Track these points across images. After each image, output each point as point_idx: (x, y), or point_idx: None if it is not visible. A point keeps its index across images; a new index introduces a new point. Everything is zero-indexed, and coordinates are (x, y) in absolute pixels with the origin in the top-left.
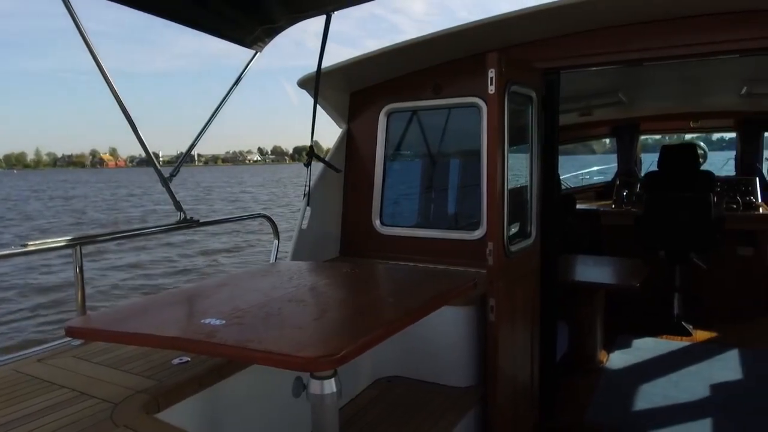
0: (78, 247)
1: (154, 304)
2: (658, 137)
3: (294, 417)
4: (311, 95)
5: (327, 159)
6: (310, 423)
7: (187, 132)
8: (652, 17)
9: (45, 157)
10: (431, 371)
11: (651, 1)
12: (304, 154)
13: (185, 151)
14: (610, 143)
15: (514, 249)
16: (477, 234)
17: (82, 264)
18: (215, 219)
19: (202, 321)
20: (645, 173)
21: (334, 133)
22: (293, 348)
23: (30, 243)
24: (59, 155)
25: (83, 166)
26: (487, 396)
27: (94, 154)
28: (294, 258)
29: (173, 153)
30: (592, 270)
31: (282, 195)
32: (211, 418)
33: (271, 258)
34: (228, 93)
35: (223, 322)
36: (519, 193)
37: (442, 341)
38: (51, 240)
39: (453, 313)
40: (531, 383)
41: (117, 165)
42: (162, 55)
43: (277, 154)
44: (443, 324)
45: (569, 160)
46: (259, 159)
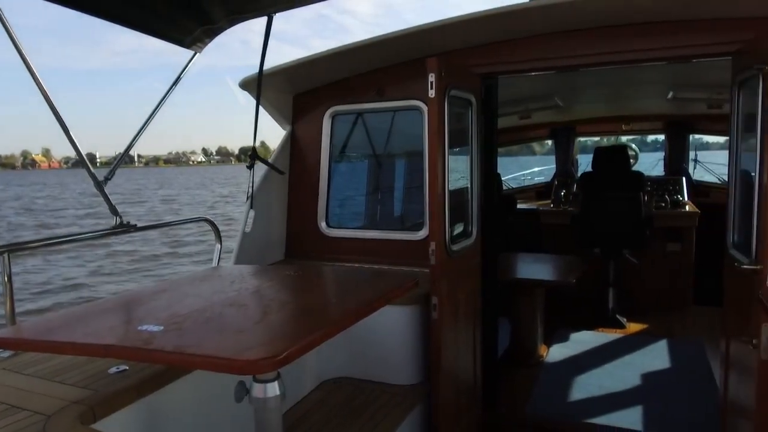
0: (6, 255)
1: (88, 312)
2: (597, 139)
3: (237, 423)
4: (254, 97)
5: (271, 161)
6: (254, 428)
7: (128, 132)
8: (584, 26)
9: None
10: (377, 371)
11: (582, 12)
12: (248, 155)
13: (122, 153)
14: (551, 145)
15: (455, 248)
16: (421, 234)
17: (10, 272)
18: (154, 223)
19: (138, 328)
20: (580, 174)
21: (282, 134)
22: (234, 351)
23: None
24: None
25: (13, 167)
26: (432, 392)
27: (25, 155)
28: (237, 262)
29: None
30: (531, 267)
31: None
32: (151, 426)
33: (214, 262)
34: (166, 93)
35: (161, 328)
36: (460, 194)
37: (387, 341)
38: None
39: (398, 313)
40: (474, 378)
41: (50, 166)
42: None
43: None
44: (388, 323)
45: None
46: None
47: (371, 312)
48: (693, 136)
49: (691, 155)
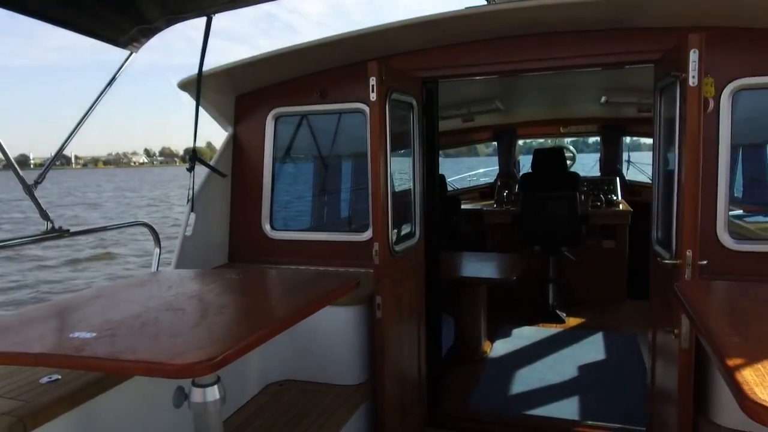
0: None
1: (17, 320)
2: (542, 140)
3: (178, 430)
4: (194, 98)
5: (212, 163)
6: None
7: (65, 133)
8: (522, 33)
9: None
10: (323, 372)
11: (519, 20)
12: (188, 157)
13: (54, 154)
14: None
15: (399, 249)
16: (366, 235)
17: None
18: (88, 228)
19: (70, 335)
20: (521, 174)
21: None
22: (169, 355)
23: None
24: None
25: None
26: (377, 391)
27: None
28: (178, 266)
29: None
30: (474, 266)
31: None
32: None
33: (153, 267)
34: (101, 93)
35: (94, 334)
36: (404, 195)
37: (332, 341)
38: None
39: (342, 313)
40: (418, 375)
41: None
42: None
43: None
44: (333, 324)
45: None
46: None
47: (312, 313)
48: (626, 138)
49: (625, 156)
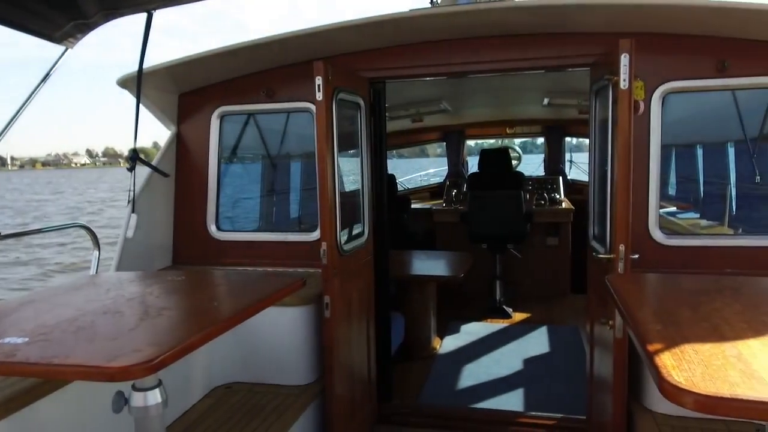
0: None
1: None
2: (492, 141)
3: None
4: (134, 96)
5: (155, 163)
6: None
7: None
8: (468, 36)
9: None
10: (271, 373)
11: (464, 23)
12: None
13: None
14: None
15: (347, 248)
16: (315, 235)
17: None
18: (22, 231)
19: (0, 341)
20: (468, 174)
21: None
22: (106, 359)
23: None
24: None
25: None
26: (325, 390)
27: None
28: (119, 269)
29: None
30: (424, 264)
31: None
32: None
33: (92, 270)
34: (35, 90)
35: (26, 339)
36: (352, 195)
37: (281, 342)
38: None
39: (291, 314)
40: (368, 373)
41: None
42: None
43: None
44: (282, 325)
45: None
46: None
47: (256, 312)
48: (568, 138)
49: (567, 156)
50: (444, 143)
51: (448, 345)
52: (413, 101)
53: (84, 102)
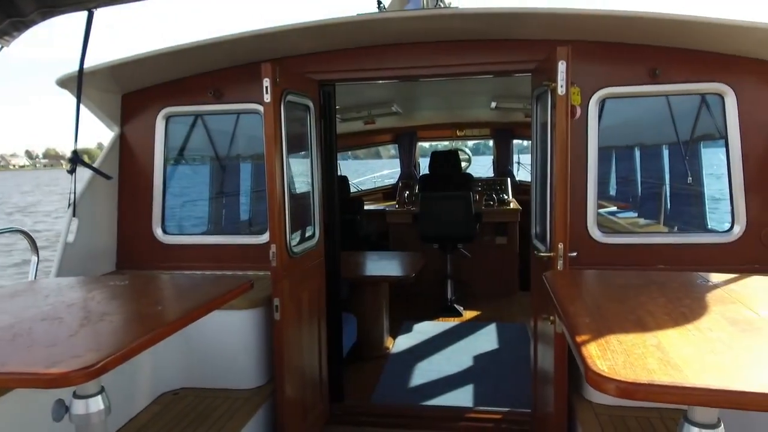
0: None
1: None
2: (447, 143)
3: None
4: (74, 96)
5: (97, 165)
6: None
7: None
8: (413, 40)
9: None
10: (221, 377)
11: (410, 29)
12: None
13: None
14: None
15: (297, 250)
16: (265, 237)
17: None
18: None
19: None
20: (420, 176)
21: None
22: (44, 366)
23: None
24: None
25: None
26: (276, 392)
27: None
28: (60, 275)
29: None
30: (376, 264)
31: None
32: None
33: (30, 276)
34: None
35: None
36: (303, 197)
37: (230, 346)
38: None
39: (241, 317)
40: (319, 374)
41: None
42: None
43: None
44: (231, 328)
45: (366, 164)
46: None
47: (202, 315)
48: (517, 141)
49: (515, 158)
50: (396, 145)
51: (400, 344)
52: (365, 103)
53: (23, 101)
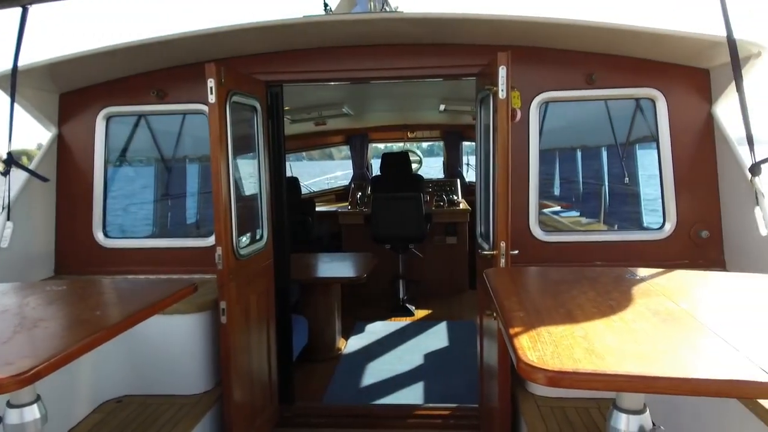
0: None
1: None
2: (400, 145)
3: None
4: (7, 95)
5: (32, 167)
6: None
7: None
8: (360, 43)
9: None
10: (166, 383)
11: (358, 32)
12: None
13: None
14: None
15: (244, 252)
16: (211, 240)
17: None
18: None
19: None
20: (372, 177)
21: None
22: None
23: None
24: None
25: None
26: (224, 396)
27: None
28: None
29: None
30: (327, 266)
31: None
32: None
33: None
34: None
35: None
36: (250, 199)
37: (176, 351)
38: None
39: (186, 321)
40: (269, 377)
41: None
42: None
43: None
44: (176, 333)
45: (320, 165)
46: None
47: (143, 319)
48: (466, 143)
49: (465, 160)
50: (348, 146)
51: (352, 345)
52: (315, 104)
53: None
